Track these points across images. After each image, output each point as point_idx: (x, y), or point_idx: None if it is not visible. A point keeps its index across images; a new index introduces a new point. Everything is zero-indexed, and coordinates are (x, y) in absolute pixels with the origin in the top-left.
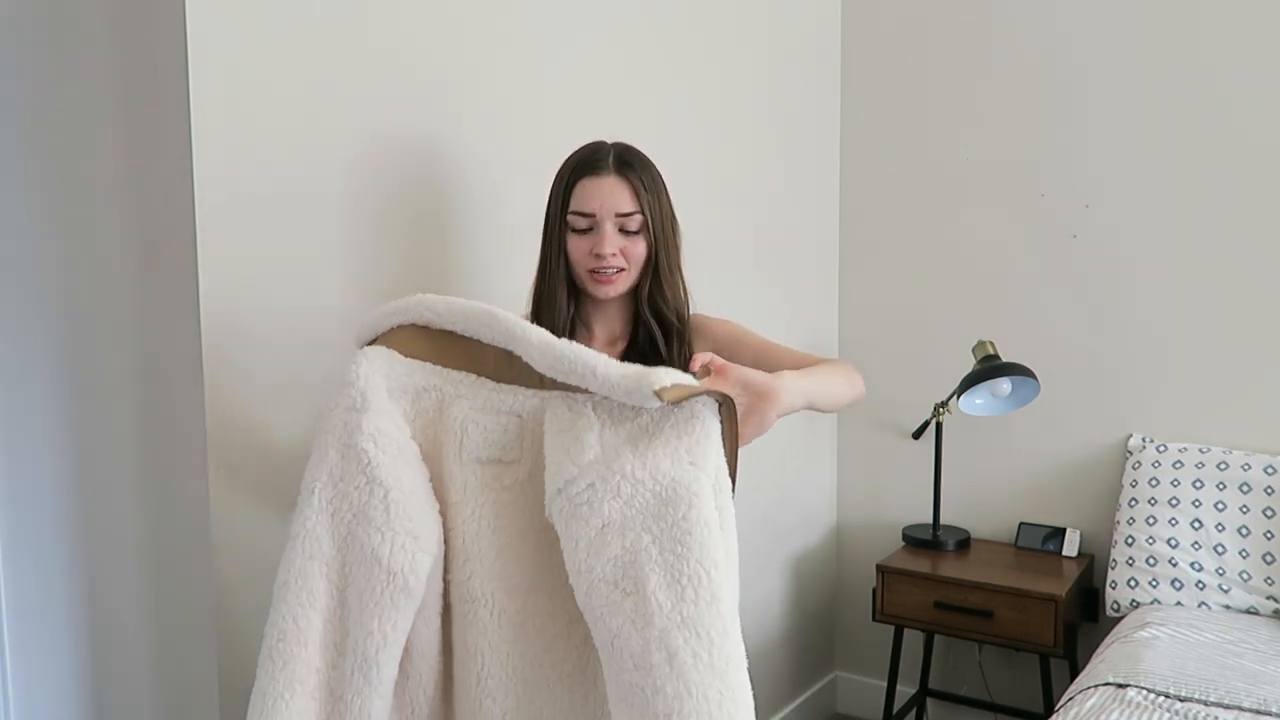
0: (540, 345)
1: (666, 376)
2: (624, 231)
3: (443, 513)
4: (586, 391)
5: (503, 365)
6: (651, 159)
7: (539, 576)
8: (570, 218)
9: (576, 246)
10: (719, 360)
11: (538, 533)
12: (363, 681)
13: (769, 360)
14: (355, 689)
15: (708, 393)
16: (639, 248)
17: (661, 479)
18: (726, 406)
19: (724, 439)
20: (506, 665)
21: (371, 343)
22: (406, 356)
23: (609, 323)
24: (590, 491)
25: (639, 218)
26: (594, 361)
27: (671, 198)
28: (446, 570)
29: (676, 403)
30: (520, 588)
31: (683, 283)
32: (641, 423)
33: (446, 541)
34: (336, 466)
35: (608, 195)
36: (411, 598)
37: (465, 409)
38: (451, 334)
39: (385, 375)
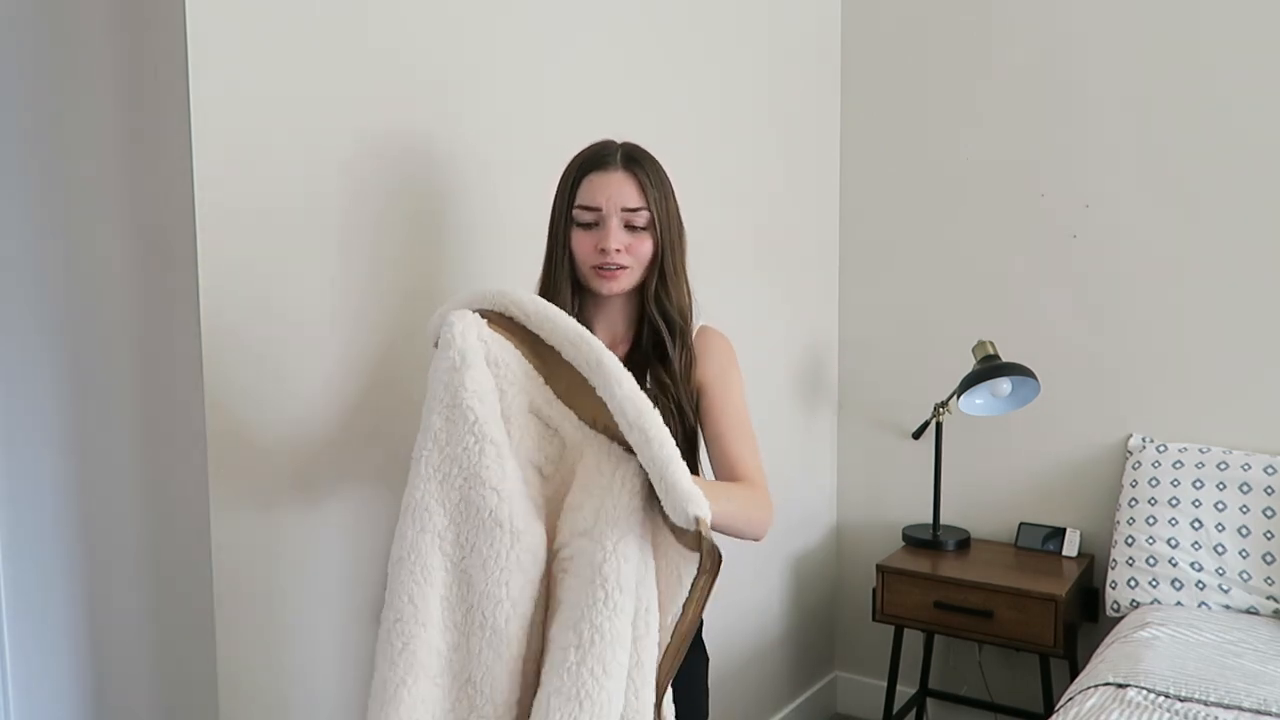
0: (626, 397)
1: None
2: (630, 228)
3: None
4: (626, 449)
5: (573, 388)
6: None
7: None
8: (576, 212)
9: (581, 242)
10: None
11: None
12: (493, 657)
13: (717, 444)
14: (486, 665)
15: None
16: (645, 245)
17: (623, 586)
18: (713, 570)
19: (694, 591)
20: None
21: None
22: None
23: (611, 323)
24: (569, 562)
25: (645, 214)
26: (667, 453)
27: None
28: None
29: (695, 544)
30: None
31: (687, 284)
32: (644, 516)
33: None
34: (441, 431)
35: (614, 190)
36: (536, 560)
37: (525, 404)
38: (535, 336)
39: (479, 337)
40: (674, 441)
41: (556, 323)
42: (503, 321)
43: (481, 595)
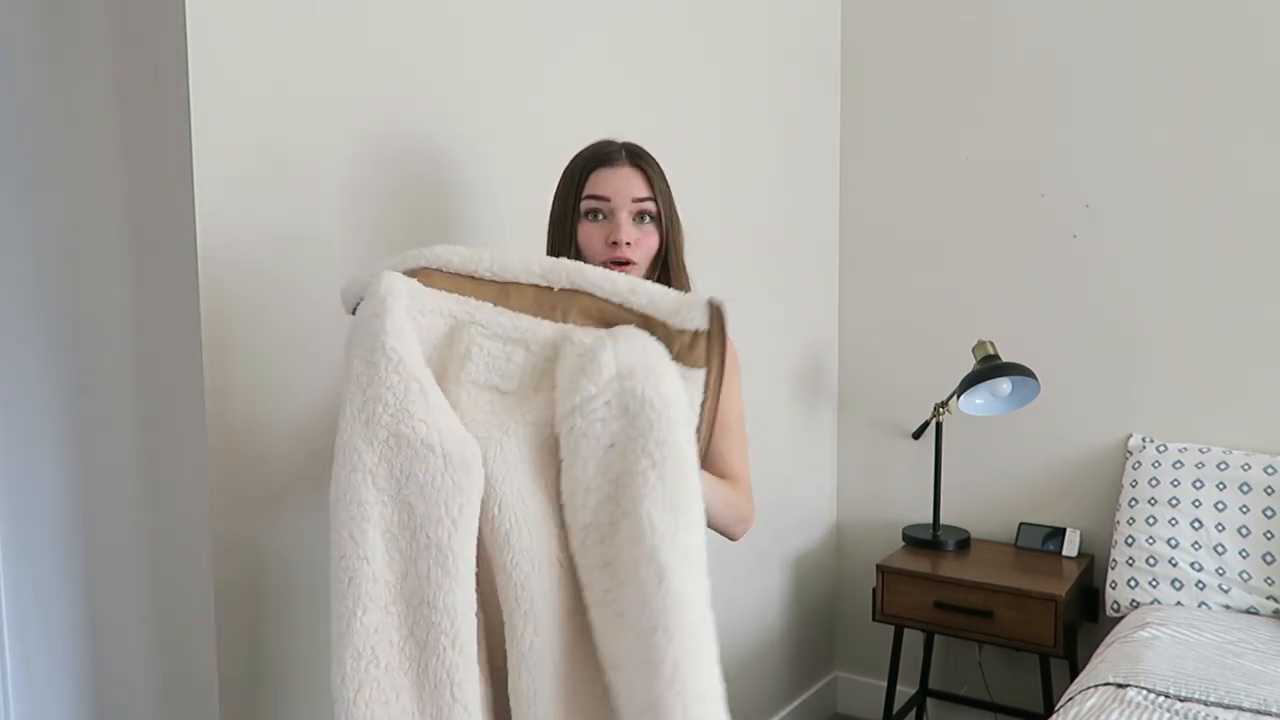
0: (596, 282)
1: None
2: (638, 222)
3: None
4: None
5: (526, 299)
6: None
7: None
8: (585, 203)
9: (590, 235)
10: None
11: (520, 464)
12: (441, 574)
13: (711, 449)
14: (436, 584)
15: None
16: (651, 239)
17: (667, 401)
18: (719, 319)
19: (704, 410)
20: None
21: None
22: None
23: None
24: (606, 409)
25: (653, 205)
26: (646, 285)
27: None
28: None
29: (702, 357)
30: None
31: (687, 276)
32: (652, 346)
33: None
34: (363, 374)
35: (624, 183)
36: (472, 477)
37: (474, 333)
38: (473, 276)
39: (407, 292)
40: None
41: (495, 255)
42: (440, 275)
43: (423, 518)
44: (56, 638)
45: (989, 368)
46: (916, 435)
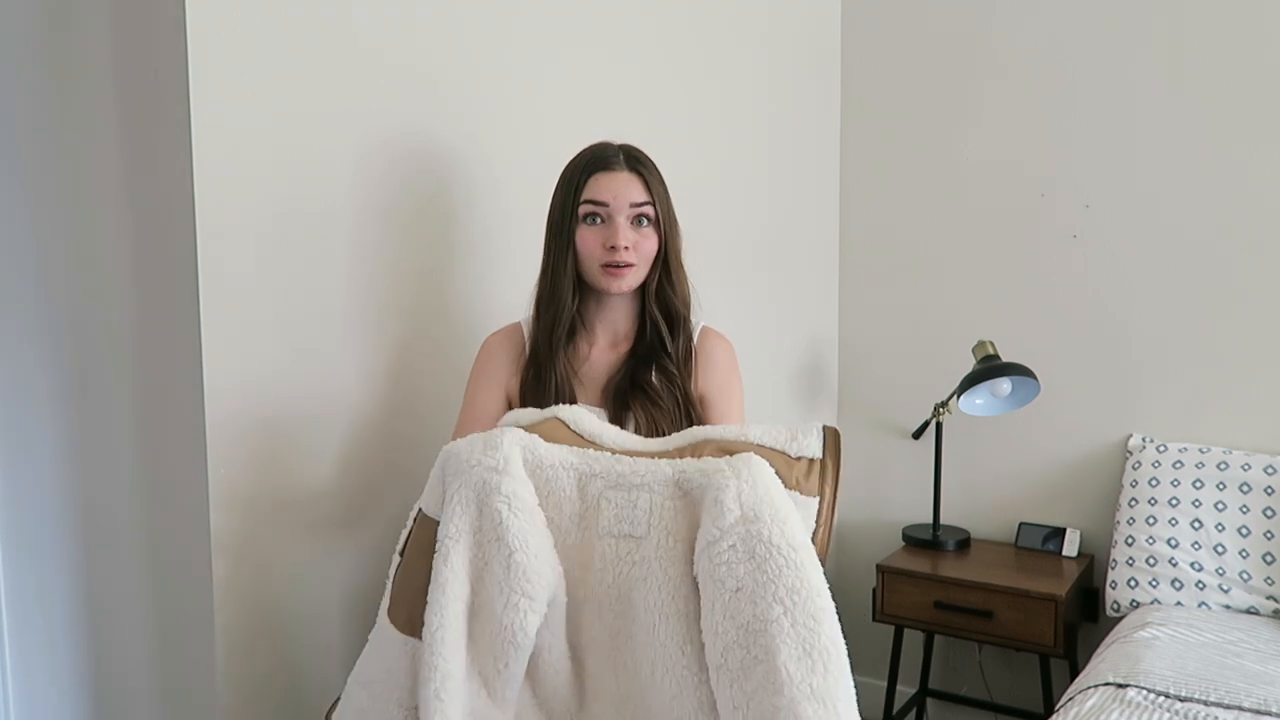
0: (719, 428)
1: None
2: (636, 226)
3: (583, 580)
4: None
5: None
6: (654, 160)
7: (654, 652)
8: (583, 208)
9: (588, 240)
10: None
11: (661, 606)
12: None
13: None
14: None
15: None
16: (650, 242)
17: (795, 545)
18: (834, 441)
19: (819, 524)
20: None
21: None
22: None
23: (611, 323)
24: (731, 553)
25: (651, 209)
26: (759, 426)
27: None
28: (576, 631)
29: (817, 487)
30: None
31: (687, 277)
32: (774, 484)
33: (584, 602)
34: (476, 520)
35: (621, 188)
36: (519, 651)
37: (600, 486)
38: (596, 444)
39: (524, 449)
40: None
41: (617, 438)
42: (563, 427)
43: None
44: (56, 638)
45: (989, 368)
46: (916, 435)
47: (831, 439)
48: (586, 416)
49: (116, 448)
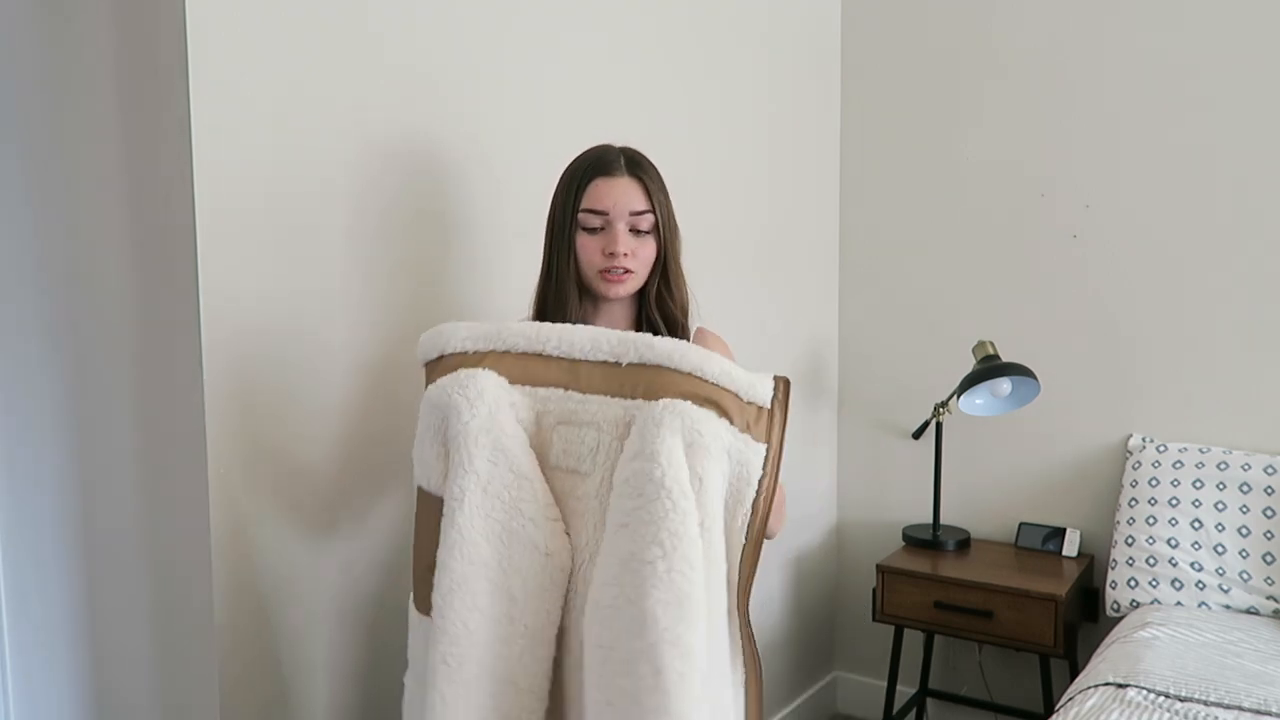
0: (668, 345)
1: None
2: (635, 232)
3: None
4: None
5: (595, 378)
6: (654, 161)
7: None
8: (582, 215)
9: (587, 246)
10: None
11: (591, 545)
12: (531, 660)
13: None
14: (525, 667)
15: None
16: (648, 249)
17: (685, 491)
18: (784, 390)
19: (760, 487)
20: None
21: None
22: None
23: (613, 323)
24: (625, 486)
25: (650, 217)
26: (720, 364)
27: (671, 199)
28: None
29: (765, 431)
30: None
31: (685, 282)
32: (695, 431)
33: None
34: (484, 472)
35: (621, 195)
36: (565, 573)
37: (551, 421)
38: (540, 354)
39: (502, 389)
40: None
41: (560, 331)
42: (508, 358)
43: (523, 609)
44: (57, 638)
45: (989, 368)
46: (916, 435)
47: (782, 389)
48: (520, 334)
49: (116, 448)
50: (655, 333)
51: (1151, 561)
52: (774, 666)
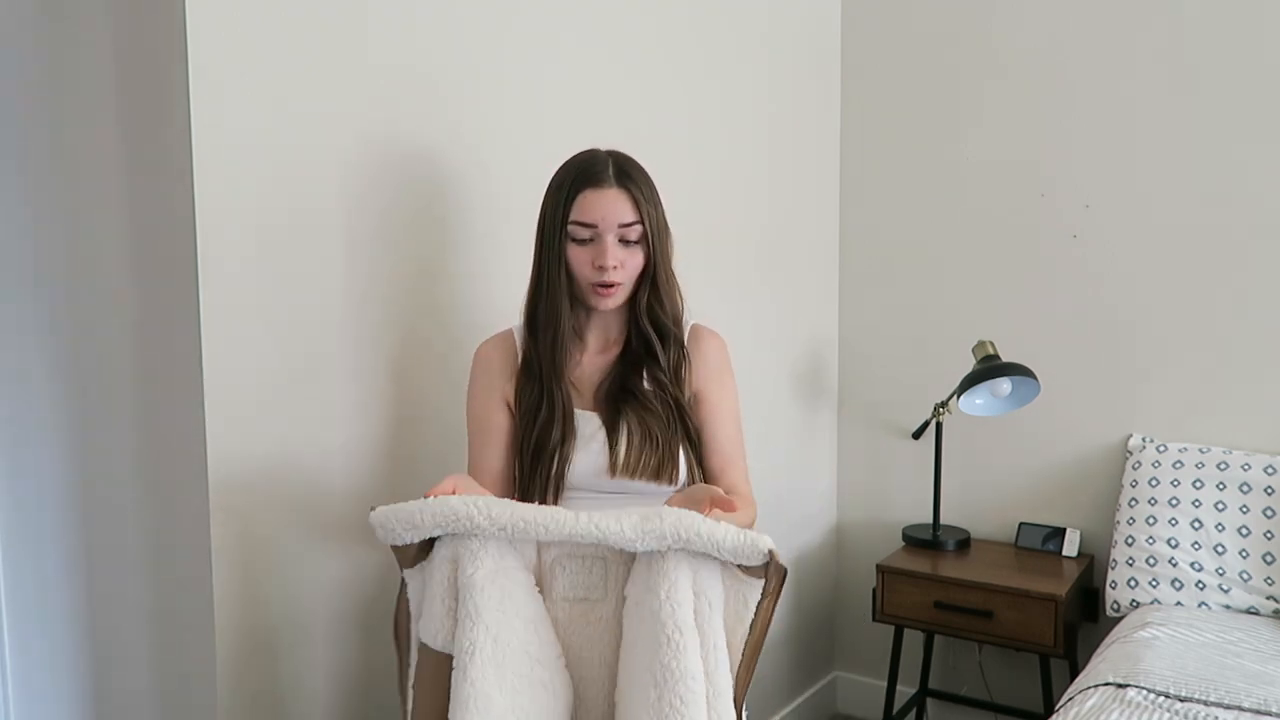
0: (637, 527)
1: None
2: (624, 243)
3: None
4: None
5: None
6: (646, 165)
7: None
8: (571, 228)
9: (577, 257)
10: (725, 499)
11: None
12: None
13: (709, 449)
14: None
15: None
16: (637, 259)
17: (682, 628)
18: (777, 591)
19: (759, 612)
20: None
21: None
22: None
23: (603, 330)
24: (637, 609)
25: (639, 228)
26: (709, 526)
27: (669, 200)
28: None
29: (761, 572)
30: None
31: (678, 288)
32: (692, 563)
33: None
34: (494, 623)
35: (610, 207)
36: (570, 707)
37: (555, 554)
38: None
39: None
40: (703, 517)
41: (548, 522)
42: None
43: None
44: (56, 638)
45: (989, 368)
46: (916, 435)
47: (775, 569)
48: (520, 516)
49: (116, 449)
50: (645, 341)
51: (1151, 561)
52: (774, 666)
